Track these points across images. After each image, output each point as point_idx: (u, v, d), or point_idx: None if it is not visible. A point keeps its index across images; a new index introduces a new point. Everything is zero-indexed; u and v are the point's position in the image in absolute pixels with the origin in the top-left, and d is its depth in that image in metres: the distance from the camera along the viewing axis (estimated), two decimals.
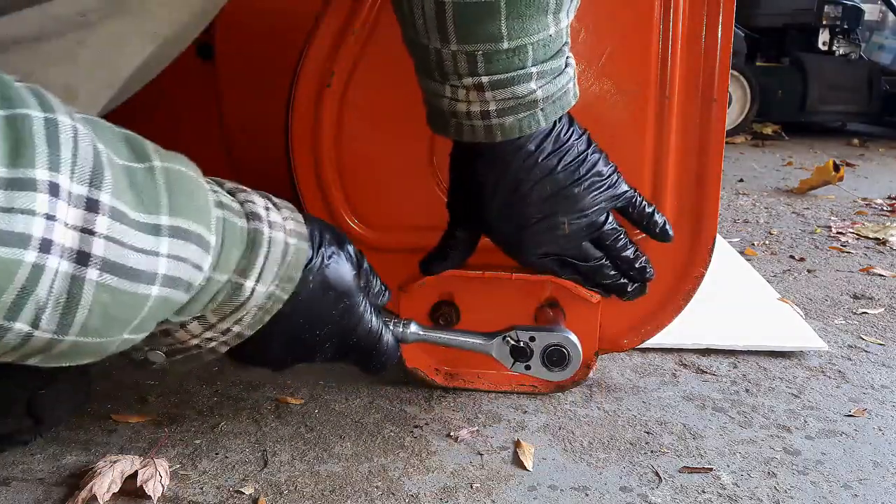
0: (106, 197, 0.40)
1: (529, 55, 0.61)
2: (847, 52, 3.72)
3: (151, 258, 0.43)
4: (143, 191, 0.43)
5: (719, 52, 0.75)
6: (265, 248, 0.53)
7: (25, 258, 0.37)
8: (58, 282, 0.38)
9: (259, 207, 0.54)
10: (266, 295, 0.54)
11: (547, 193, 0.68)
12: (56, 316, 0.40)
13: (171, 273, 0.45)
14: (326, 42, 0.76)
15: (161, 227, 0.44)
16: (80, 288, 0.39)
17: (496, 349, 0.71)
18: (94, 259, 0.40)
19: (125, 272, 0.42)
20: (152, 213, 0.43)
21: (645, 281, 0.75)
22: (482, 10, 0.58)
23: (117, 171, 0.41)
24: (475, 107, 0.64)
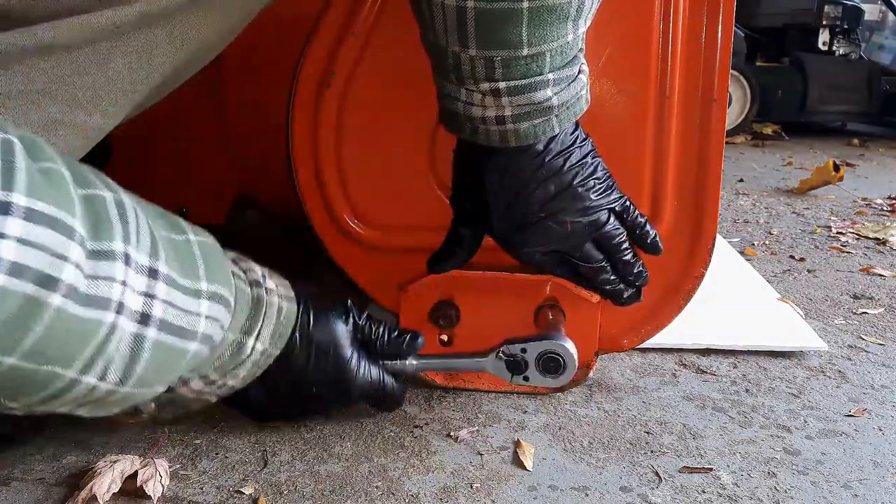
0: (163, 266, 0.47)
1: (547, 62, 0.61)
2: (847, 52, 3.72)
3: (194, 318, 0.50)
4: (184, 260, 0.50)
5: (719, 52, 0.75)
6: (264, 311, 0.60)
7: (105, 319, 0.42)
8: (126, 339, 0.44)
9: (258, 275, 0.62)
10: (261, 352, 0.61)
11: (551, 193, 0.68)
12: (121, 370, 0.45)
13: (206, 331, 0.52)
14: (326, 42, 0.76)
15: (201, 292, 0.51)
16: (141, 344, 0.46)
17: (492, 366, 0.72)
18: (154, 319, 0.46)
19: (176, 331, 0.48)
20: (193, 279, 0.51)
21: (640, 286, 0.75)
22: (504, 16, 0.58)
23: (166, 244, 0.48)
24: (491, 112, 0.64)
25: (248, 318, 0.59)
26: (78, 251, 0.40)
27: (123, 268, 0.43)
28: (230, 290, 0.56)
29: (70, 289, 0.39)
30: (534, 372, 0.72)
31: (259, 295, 0.60)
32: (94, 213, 0.42)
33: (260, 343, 0.60)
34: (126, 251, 0.43)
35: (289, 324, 0.63)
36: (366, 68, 0.76)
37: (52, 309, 0.38)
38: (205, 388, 0.60)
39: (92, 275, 0.41)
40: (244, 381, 0.62)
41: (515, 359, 0.72)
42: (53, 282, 0.38)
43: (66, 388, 0.43)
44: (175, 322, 0.48)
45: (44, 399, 0.44)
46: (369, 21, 0.75)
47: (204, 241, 0.54)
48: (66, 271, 0.39)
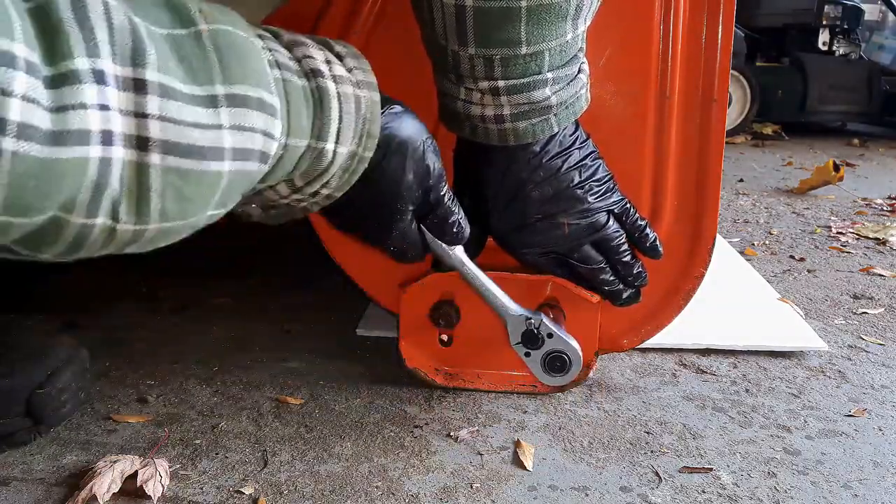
0: (152, 74, 0.37)
1: (546, 61, 0.61)
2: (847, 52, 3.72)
3: (214, 132, 0.40)
4: (191, 61, 0.40)
5: (719, 52, 0.75)
6: (336, 106, 0.49)
7: (91, 154, 0.35)
8: (126, 171, 0.37)
9: (319, 62, 0.50)
10: (348, 155, 0.51)
11: (549, 194, 0.68)
12: (133, 206, 0.38)
13: (239, 145, 0.42)
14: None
15: (217, 98, 0.41)
16: (146, 175, 0.38)
17: (513, 321, 0.71)
18: (153, 142, 0.37)
19: (187, 151, 0.39)
20: (205, 83, 0.40)
21: (639, 287, 0.75)
22: (503, 14, 0.58)
23: (160, 44, 0.38)
24: (489, 110, 0.64)
25: (315, 119, 0.48)
26: (24, 80, 0.32)
27: (96, 88, 0.35)
28: (269, 90, 0.44)
29: (24, 128, 0.32)
30: (538, 357, 0.72)
31: (321, 87, 0.49)
32: (44, 27, 0.34)
33: (341, 146, 0.50)
34: (95, 66, 0.35)
35: (374, 118, 0.52)
36: None
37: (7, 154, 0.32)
38: (295, 195, 0.52)
39: (55, 106, 0.33)
40: (339, 188, 0.53)
41: (536, 334, 0.71)
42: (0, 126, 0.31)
43: (83, 235, 0.37)
44: (183, 141, 0.39)
45: (69, 248, 0.38)
46: (369, 21, 0.75)
47: (221, 31, 0.42)
48: (12, 108, 0.32)
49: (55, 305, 1.04)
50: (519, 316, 0.71)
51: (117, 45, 0.36)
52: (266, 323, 0.99)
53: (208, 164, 0.40)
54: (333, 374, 0.85)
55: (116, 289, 1.10)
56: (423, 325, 0.78)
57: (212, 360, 0.88)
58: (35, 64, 0.33)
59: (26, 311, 0.77)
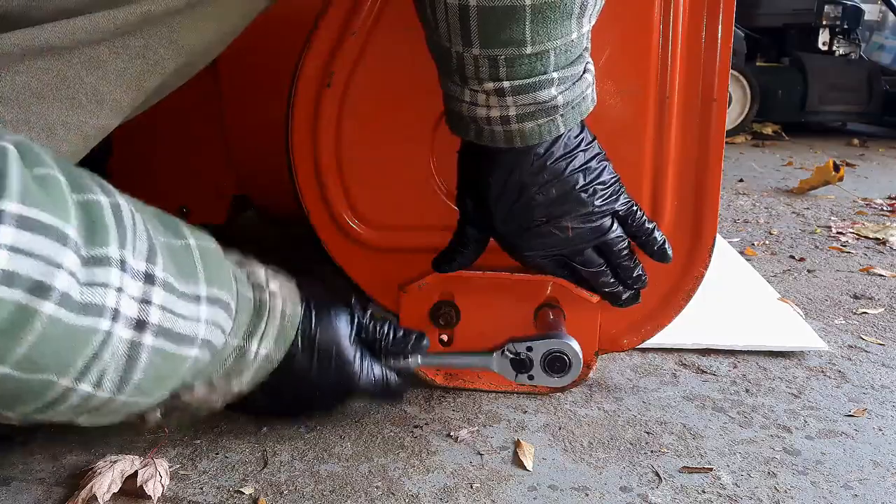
0: (160, 271, 0.46)
1: (551, 60, 0.61)
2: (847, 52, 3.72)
3: (193, 324, 0.49)
4: (183, 265, 0.49)
5: (719, 52, 0.75)
6: (267, 314, 0.59)
7: (101, 326, 0.41)
8: (121, 347, 0.43)
9: (262, 279, 0.61)
10: (265, 356, 0.60)
11: (553, 197, 0.68)
12: (117, 377, 0.44)
13: (207, 336, 0.51)
14: (326, 42, 0.76)
15: (200, 297, 0.50)
16: (137, 351, 0.45)
17: (497, 364, 0.72)
18: (150, 326, 0.45)
19: (174, 337, 0.47)
20: (191, 284, 0.49)
21: (639, 289, 0.75)
22: (507, 14, 0.57)
23: (163, 248, 0.47)
24: (495, 112, 0.63)
25: (251, 323, 0.58)
26: (72, 258, 0.39)
27: (119, 273, 0.42)
28: (231, 295, 0.55)
29: (64, 296, 0.39)
30: (538, 371, 0.72)
31: (262, 299, 0.60)
32: (90, 218, 0.41)
33: (264, 348, 0.60)
34: (122, 256, 0.43)
35: (292, 328, 0.62)
36: (366, 68, 0.76)
37: (45, 317, 0.38)
38: (209, 395, 0.59)
39: (87, 282, 0.40)
40: (249, 385, 0.61)
41: (520, 357, 0.71)
42: (46, 290, 0.38)
43: (62, 397, 0.43)
44: (173, 328, 0.47)
45: (39, 408, 0.43)
46: (369, 20, 0.75)
47: (204, 245, 0.53)
48: (60, 279, 0.38)
49: None
50: (494, 355, 0.72)
51: (139, 245, 0.44)
52: None
53: (184, 350, 0.49)
54: None
55: None
56: (423, 325, 0.78)
57: None
58: (78, 245, 0.40)
59: None
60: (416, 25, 0.65)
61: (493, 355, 0.72)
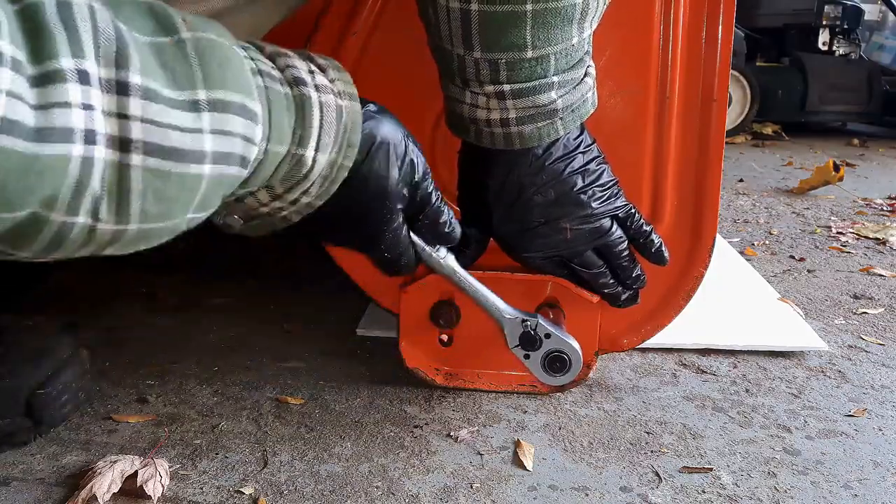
0: (135, 77, 0.38)
1: (552, 64, 0.61)
2: (847, 52, 3.72)
3: (195, 136, 0.41)
4: (174, 67, 0.41)
5: (719, 52, 0.75)
6: (318, 114, 0.50)
7: (73, 152, 0.36)
8: (107, 171, 0.38)
9: (302, 72, 0.51)
10: (328, 163, 0.52)
11: (551, 198, 0.68)
12: (113, 206, 0.39)
13: (220, 149, 0.43)
14: (327, 42, 0.76)
15: (199, 103, 0.42)
16: (127, 175, 0.38)
17: (509, 325, 0.71)
18: (135, 143, 0.38)
19: (169, 153, 0.40)
20: (187, 89, 0.41)
21: (638, 290, 0.75)
22: (508, 18, 0.58)
23: (143, 50, 0.39)
24: (495, 114, 0.64)
25: (297, 126, 0.49)
26: (9, 76, 0.33)
27: (79, 88, 0.36)
28: (251, 96, 0.45)
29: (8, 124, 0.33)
30: (537, 358, 0.71)
31: (303, 94, 0.50)
32: (30, 28, 0.34)
33: (321, 154, 0.51)
34: (79, 66, 0.36)
35: (355, 127, 0.53)
36: (366, 68, 0.76)
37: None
38: (275, 202, 0.52)
39: (40, 104, 0.34)
40: (319, 196, 0.54)
41: (534, 336, 0.71)
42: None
43: (63, 232, 0.38)
44: (165, 143, 0.39)
45: (48, 246, 0.39)
46: (369, 21, 0.75)
47: (203, 38, 0.43)
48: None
49: (55, 305, 1.04)
50: (515, 318, 0.71)
51: (101, 47, 0.37)
52: (266, 323, 0.99)
53: (188, 167, 0.41)
54: (333, 374, 0.85)
55: (116, 289, 1.10)
56: (424, 325, 0.78)
57: (212, 360, 0.88)
58: (21, 62, 0.33)
59: (26, 311, 0.77)
60: (415, 26, 0.65)
61: (514, 316, 0.70)
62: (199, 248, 1.32)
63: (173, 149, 0.40)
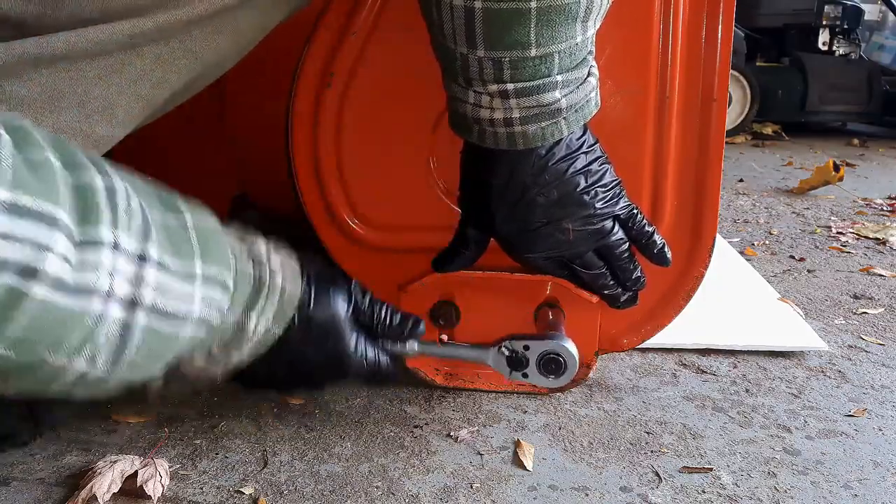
0: (154, 250, 0.45)
1: (556, 63, 0.61)
2: (847, 52, 3.72)
3: (187, 303, 0.49)
4: (178, 242, 0.49)
5: (719, 52, 0.75)
6: (266, 291, 0.58)
7: (93, 308, 0.42)
8: (114, 327, 0.43)
9: (262, 254, 0.59)
10: (264, 331, 0.59)
11: (554, 199, 0.68)
12: (110, 356, 0.45)
13: (202, 315, 0.51)
14: (326, 43, 0.76)
15: (195, 276, 0.49)
16: (130, 331, 0.45)
17: (493, 359, 0.72)
18: (143, 306, 0.45)
19: (167, 316, 0.47)
20: (187, 262, 0.49)
21: (638, 290, 0.75)
22: (512, 16, 0.57)
23: (158, 226, 0.47)
24: (498, 114, 0.63)
25: (250, 299, 0.57)
26: (63, 242, 0.39)
27: (111, 254, 0.42)
28: (229, 273, 0.54)
29: (55, 280, 0.39)
30: (533, 370, 0.72)
31: (262, 274, 0.58)
32: (83, 200, 0.41)
33: (262, 324, 0.59)
34: (114, 237, 0.43)
35: (291, 305, 0.61)
36: (366, 68, 0.76)
37: (37, 300, 0.38)
38: (209, 366, 0.58)
39: (79, 264, 0.40)
40: (248, 357, 0.60)
41: (517, 355, 0.71)
42: (36, 273, 0.38)
43: (55, 375, 0.43)
44: (166, 308, 0.47)
45: (34, 384, 0.44)
46: (369, 21, 0.75)
47: (202, 223, 0.52)
48: (50, 262, 0.38)
49: None
50: (491, 350, 0.72)
51: (133, 224, 0.44)
52: None
53: (176, 328, 0.48)
54: None
55: None
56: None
57: None
58: (71, 229, 0.40)
59: None
60: (416, 26, 0.65)
61: (489, 350, 0.72)
62: None
63: (171, 313, 0.47)
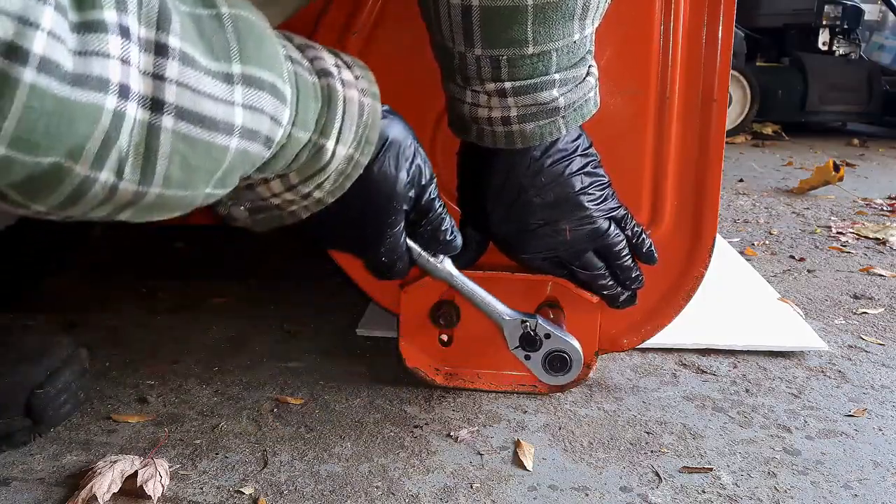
0: (174, 41, 0.38)
1: (553, 61, 0.61)
2: (847, 52, 3.72)
3: (227, 107, 0.41)
4: (211, 38, 0.41)
5: (719, 52, 0.75)
6: (341, 107, 0.51)
7: (107, 104, 0.35)
8: (136, 129, 0.37)
9: (329, 64, 0.51)
10: (346, 157, 0.52)
11: (551, 200, 0.68)
12: (138, 166, 0.38)
13: (248, 125, 0.43)
14: (327, 42, 0.76)
15: (233, 76, 0.42)
16: (157, 137, 0.38)
17: (509, 326, 0.71)
18: (167, 106, 0.38)
19: (200, 120, 0.40)
20: (222, 60, 0.41)
21: (636, 290, 0.75)
22: (509, 13, 0.57)
23: (184, 17, 0.39)
24: (496, 112, 0.63)
25: (321, 115, 0.50)
26: (52, 16, 0.33)
27: (120, 41, 0.35)
28: (282, 77, 0.45)
29: (46, 63, 0.33)
30: (538, 358, 0.71)
31: (330, 86, 0.50)
32: None
33: (342, 146, 0.51)
34: (121, 21, 0.35)
35: (375, 125, 0.54)
36: None
37: (26, 85, 0.32)
38: (287, 194, 0.52)
39: (79, 50, 0.34)
40: (332, 193, 0.54)
41: (534, 336, 0.71)
42: (22, 53, 0.32)
43: (82, 187, 0.37)
44: (197, 110, 0.39)
45: (65, 201, 0.38)
46: (370, 21, 0.75)
47: (241, 15, 0.43)
48: (38, 41, 0.32)
49: (55, 305, 1.04)
50: (514, 320, 0.71)
51: (144, 6, 0.37)
52: (266, 323, 0.99)
53: (217, 137, 0.41)
54: (333, 374, 0.85)
55: (116, 289, 1.10)
56: (424, 325, 0.78)
57: (212, 360, 0.88)
58: (64, 6, 0.33)
59: (26, 311, 0.77)
60: (415, 25, 0.65)
61: (513, 317, 0.71)
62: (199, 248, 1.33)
63: (204, 116, 0.40)
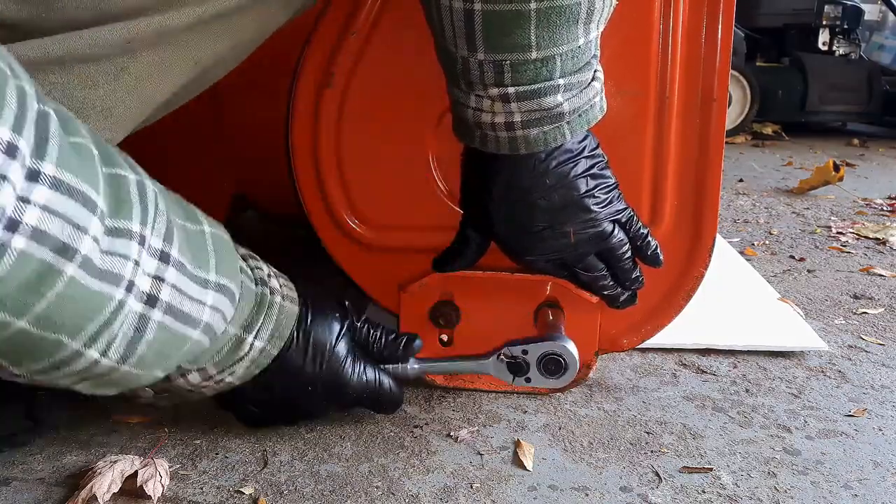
0: (175, 252, 0.48)
1: (557, 66, 0.60)
2: (847, 52, 3.72)
3: (199, 307, 0.52)
4: (196, 250, 0.52)
5: (719, 52, 0.75)
6: (266, 309, 0.61)
7: (115, 295, 0.44)
8: (130, 318, 0.46)
9: (265, 274, 0.63)
10: (260, 350, 0.61)
11: (556, 202, 0.67)
12: (123, 347, 0.47)
13: (209, 321, 0.53)
14: (326, 42, 0.76)
15: (209, 282, 0.52)
16: (145, 325, 0.47)
17: (493, 368, 0.73)
18: (160, 302, 0.48)
19: (180, 316, 0.50)
20: (202, 269, 0.52)
21: (636, 290, 0.75)
22: (512, 18, 0.57)
23: (180, 231, 0.50)
24: (500, 118, 0.63)
25: (251, 315, 0.60)
26: (97, 225, 0.41)
27: (138, 248, 0.45)
28: (237, 285, 0.57)
29: (86, 260, 0.40)
30: (535, 373, 0.72)
31: (263, 293, 0.61)
32: (117, 191, 0.44)
33: (259, 341, 0.61)
34: (142, 233, 0.45)
35: (289, 324, 0.64)
36: (366, 68, 0.76)
37: (67, 277, 0.40)
38: (202, 382, 0.60)
39: (107, 250, 0.42)
40: (241, 378, 0.62)
41: (517, 360, 0.72)
42: (71, 251, 0.39)
43: (70, 359, 0.44)
44: (180, 307, 0.49)
45: (47, 368, 0.44)
46: (369, 20, 0.75)
47: (217, 234, 0.55)
48: (85, 243, 0.40)
49: None
50: (490, 360, 0.73)
51: (158, 224, 0.47)
52: None
53: (186, 329, 0.51)
54: None
55: None
56: (423, 325, 0.78)
57: None
58: (104, 213, 0.42)
59: None
60: (416, 25, 0.65)
61: (489, 360, 0.73)
62: None
63: (184, 313, 0.50)
